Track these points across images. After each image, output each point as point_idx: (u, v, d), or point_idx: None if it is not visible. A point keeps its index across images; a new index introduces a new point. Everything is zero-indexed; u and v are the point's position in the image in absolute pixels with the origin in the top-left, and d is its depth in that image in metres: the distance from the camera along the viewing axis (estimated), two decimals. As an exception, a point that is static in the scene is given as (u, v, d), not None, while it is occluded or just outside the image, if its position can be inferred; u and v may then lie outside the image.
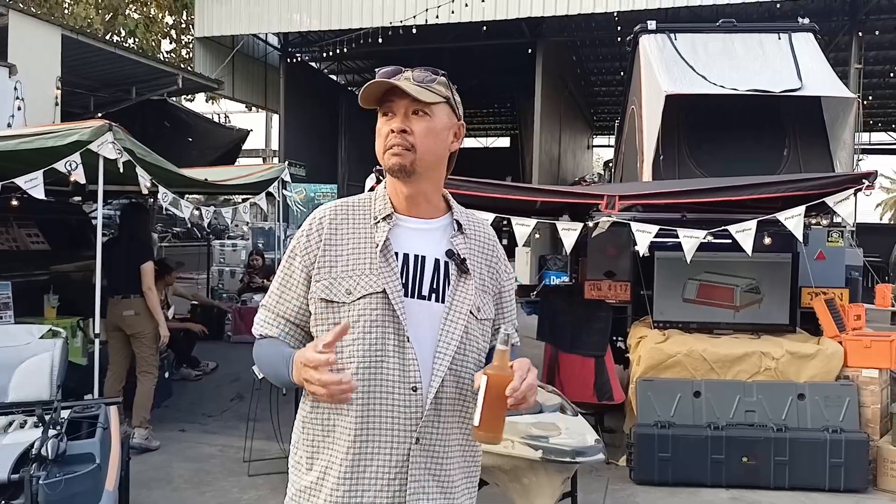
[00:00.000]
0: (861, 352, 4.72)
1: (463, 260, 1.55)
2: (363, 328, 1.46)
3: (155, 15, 16.11)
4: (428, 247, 1.56)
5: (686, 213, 4.85)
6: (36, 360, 3.39)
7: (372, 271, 1.49)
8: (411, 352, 1.46)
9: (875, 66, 16.71)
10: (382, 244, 1.50)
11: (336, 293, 1.49)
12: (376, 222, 1.54)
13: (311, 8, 14.51)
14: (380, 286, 1.47)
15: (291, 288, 1.56)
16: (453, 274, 1.54)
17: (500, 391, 1.35)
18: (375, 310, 1.46)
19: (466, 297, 1.54)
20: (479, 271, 1.60)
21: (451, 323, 1.51)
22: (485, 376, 1.37)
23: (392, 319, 1.47)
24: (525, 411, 3.45)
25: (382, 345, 1.46)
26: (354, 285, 1.49)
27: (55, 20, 9.94)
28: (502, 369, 1.37)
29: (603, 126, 27.33)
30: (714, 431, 4.58)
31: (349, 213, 1.58)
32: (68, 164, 4.38)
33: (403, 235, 1.55)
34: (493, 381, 1.36)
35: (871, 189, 4.36)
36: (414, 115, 1.50)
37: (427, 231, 1.57)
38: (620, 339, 6.09)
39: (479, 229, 1.66)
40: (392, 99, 1.50)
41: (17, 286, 5.68)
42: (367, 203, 1.59)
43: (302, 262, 1.55)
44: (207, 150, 12.17)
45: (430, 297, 1.52)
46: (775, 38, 6.86)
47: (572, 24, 15.20)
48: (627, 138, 7.84)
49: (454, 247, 1.56)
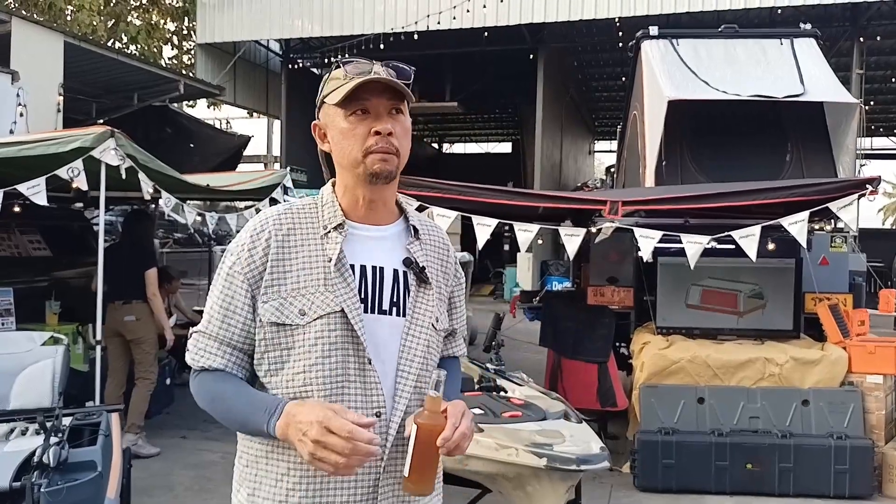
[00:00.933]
0: (865, 357, 4.70)
1: (422, 269, 1.43)
2: (321, 352, 1.31)
3: (157, 21, 16.16)
4: (385, 256, 1.42)
5: (689, 218, 4.84)
6: (37, 367, 3.38)
7: (327, 288, 1.34)
8: (373, 374, 1.34)
9: (877, 72, 16.72)
10: (336, 258, 1.36)
11: (288, 315, 1.33)
12: (326, 232, 1.38)
13: (312, 14, 14.55)
14: (337, 305, 1.33)
15: (236, 310, 1.36)
16: (412, 284, 1.42)
17: (431, 440, 1.27)
18: (334, 331, 1.32)
19: (427, 309, 1.43)
20: (436, 279, 1.48)
21: (413, 338, 1.40)
22: (415, 425, 1.28)
23: (352, 341, 1.33)
24: (528, 419, 3.44)
25: (343, 369, 1.33)
26: (308, 305, 1.33)
27: (58, 27, 9.98)
28: (434, 416, 1.28)
29: (604, 131, 27.33)
30: (718, 438, 4.55)
31: (294, 222, 1.40)
32: (70, 171, 4.37)
33: (358, 245, 1.40)
34: (423, 431, 1.27)
35: (875, 194, 4.35)
36: (392, 115, 1.38)
37: (382, 239, 1.44)
38: (623, 344, 6.08)
39: (433, 233, 1.54)
40: (367, 97, 1.35)
41: (18, 292, 5.68)
42: (313, 210, 1.43)
43: (245, 280, 1.36)
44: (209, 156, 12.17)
45: (390, 311, 1.39)
46: (777, 44, 6.86)
47: (574, 30, 15.24)
48: (630, 144, 7.84)
49: (412, 255, 1.44)
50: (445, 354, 1.57)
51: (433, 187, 4.68)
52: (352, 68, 1.36)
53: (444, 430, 1.27)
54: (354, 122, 1.36)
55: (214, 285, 1.41)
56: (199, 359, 1.39)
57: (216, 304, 1.38)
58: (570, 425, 3.50)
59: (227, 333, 1.37)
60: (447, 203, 4.72)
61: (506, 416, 3.49)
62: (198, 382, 1.40)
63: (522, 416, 3.50)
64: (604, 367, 5.44)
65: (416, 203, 4.65)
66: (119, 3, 15.59)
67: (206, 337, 1.38)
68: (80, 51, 8.99)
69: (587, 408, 5.06)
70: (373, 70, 1.36)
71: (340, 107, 1.37)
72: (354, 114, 1.36)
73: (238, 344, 1.37)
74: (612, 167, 15.43)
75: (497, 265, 17.38)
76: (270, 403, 1.29)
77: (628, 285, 5.71)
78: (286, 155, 16.97)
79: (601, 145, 29.52)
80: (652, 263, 5.19)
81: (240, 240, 1.41)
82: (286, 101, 16.93)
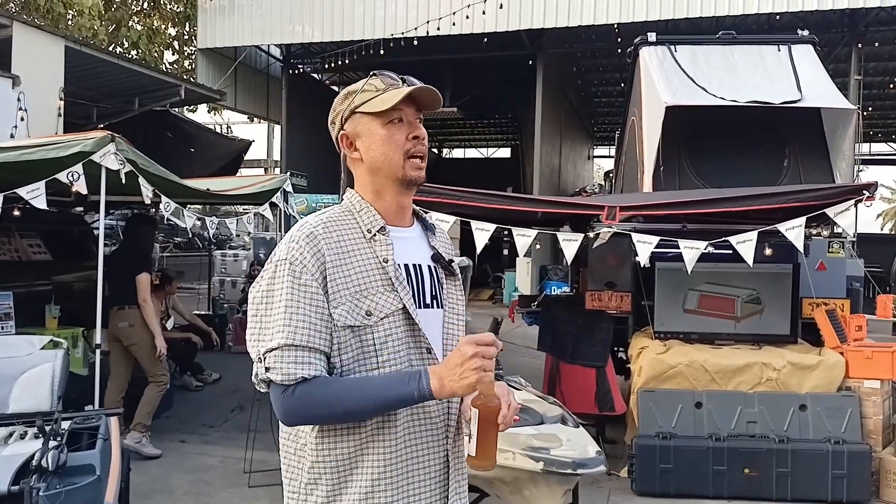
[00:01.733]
0: (862, 363, 4.72)
1: (450, 261, 1.56)
2: (392, 348, 1.41)
3: (158, 26, 16.20)
4: (418, 255, 1.53)
5: (687, 223, 4.86)
6: (37, 371, 3.39)
7: (387, 288, 1.43)
8: (434, 363, 1.45)
9: (875, 78, 16.76)
10: (391, 259, 1.45)
11: (356, 317, 1.39)
12: (372, 236, 1.46)
13: (313, 20, 14.59)
14: (399, 303, 1.43)
15: (322, 316, 1.37)
16: (442, 278, 1.55)
17: (491, 419, 1.40)
18: (399, 328, 1.42)
19: (458, 299, 1.57)
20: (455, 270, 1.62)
21: (452, 325, 1.54)
22: (475, 409, 1.40)
23: (413, 335, 1.45)
24: (526, 423, 3.45)
25: (409, 362, 1.43)
26: (373, 306, 1.41)
27: (59, 31, 10.00)
28: (489, 398, 1.40)
29: (603, 137, 27.39)
30: (716, 443, 4.56)
31: (337, 229, 1.45)
32: (70, 175, 4.40)
33: (397, 246, 1.49)
34: (484, 413, 1.40)
35: (872, 200, 4.37)
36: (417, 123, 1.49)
37: (412, 239, 1.55)
38: (621, 349, 6.09)
39: (441, 230, 1.67)
40: (400, 107, 1.45)
41: (18, 296, 5.69)
42: (349, 216, 1.49)
43: (320, 286, 1.38)
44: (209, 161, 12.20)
45: (432, 304, 1.51)
46: (775, 50, 6.89)
47: (573, 36, 15.27)
48: (628, 149, 7.87)
49: (437, 251, 1.55)
50: None
51: (433, 192, 4.70)
52: (388, 80, 1.47)
53: (502, 409, 1.40)
54: (393, 129, 1.46)
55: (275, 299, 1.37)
56: (295, 371, 1.33)
57: (296, 314, 1.35)
58: (567, 429, 3.51)
59: (316, 340, 1.36)
60: (446, 208, 4.74)
61: (503, 420, 3.49)
62: (298, 395, 1.34)
63: (520, 419, 3.51)
64: (602, 371, 5.45)
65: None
66: (120, 8, 15.64)
67: (296, 349, 1.34)
68: (80, 55, 9.02)
69: (585, 412, 5.07)
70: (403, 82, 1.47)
71: (381, 116, 1.45)
72: (392, 122, 1.45)
73: (326, 349, 1.38)
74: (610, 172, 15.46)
75: (496, 270, 17.39)
76: (407, 374, 1.37)
77: (626, 290, 5.73)
78: (286, 159, 16.99)
79: (600, 150, 29.59)
80: (650, 268, 5.20)
81: (293, 248, 1.39)
82: (287, 106, 16.97)
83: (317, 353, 1.36)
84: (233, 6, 14.75)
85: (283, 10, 14.70)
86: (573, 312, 5.94)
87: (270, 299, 1.38)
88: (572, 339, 5.69)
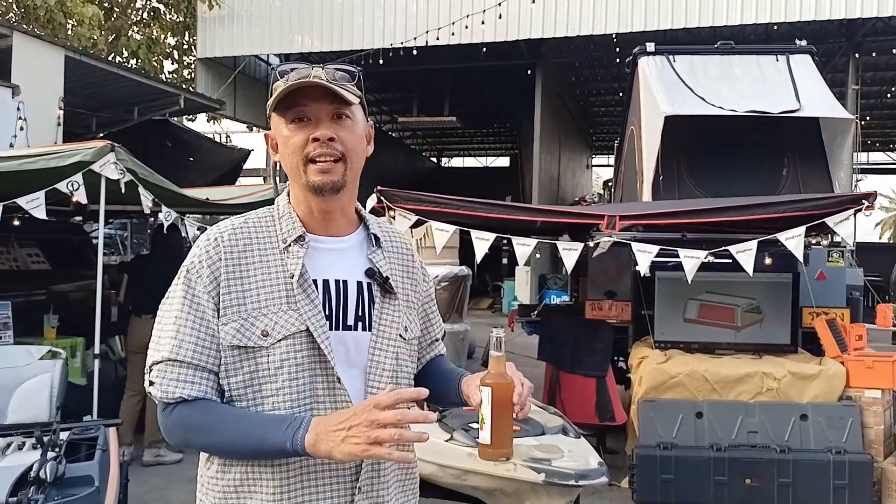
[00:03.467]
0: (863, 372, 4.70)
1: (386, 279, 1.37)
2: (288, 375, 1.24)
3: (158, 36, 16.24)
4: (347, 269, 1.36)
5: (686, 233, 4.86)
6: (35, 382, 3.38)
7: (290, 307, 1.26)
8: (343, 393, 1.27)
9: (872, 87, 16.84)
10: (299, 274, 1.28)
11: (251, 337, 1.25)
12: (287, 246, 1.31)
13: (312, 29, 14.65)
14: (302, 324, 1.26)
15: (209, 332, 1.26)
16: (377, 296, 1.36)
17: (505, 398, 1.23)
18: (300, 352, 1.25)
19: (394, 321, 1.37)
20: (402, 287, 1.42)
21: (380, 352, 1.34)
22: (486, 387, 1.23)
23: (319, 360, 1.27)
24: (526, 433, 3.44)
25: (312, 390, 1.26)
26: (271, 325, 1.25)
27: (59, 41, 10.02)
28: (502, 377, 1.25)
29: (602, 146, 27.47)
30: (717, 453, 4.54)
31: (251, 236, 1.32)
32: (70, 185, 4.40)
33: (319, 259, 1.33)
34: (497, 392, 1.23)
35: (871, 209, 4.37)
36: (336, 119, 1.30)
37: (343, 251, 1.37)
38: (622, 359, 6.07)
39: (395, 239, 1.48)
40: (304, 102, 1.28)
41: (17, 306, 5.67)
42: (270, 222, 1.35)
43: (210, 299, 1.26)
44: (209, 170, 12.19)
45: (356, 327, 1.33)
46: (773, 60, 6.92)
47: (571, 46, 15.34)
48: (627, 158, 7.88)
49: (374, 265, 1.38)
50: (431, 356, 1.57)
51: (432, 201, 4.70)
52: (293, 75, 1.29)
53: (516, 387, 1.25)
54: (294, 129, 1.30)
55: (170, 307, 1.29)
56: (174, 390, 1.24)
57: (184, 327, 1.26)
58: (568, 440, 3.50)
59: (203, 357, 1.26)
60: (446, 217, 4.74)
61: (504, 430, 3.48)
62: (175, 416, 1.25)
63: (520, 430, 3.49)
64: (602, 381, 5.44)
65: (414, 218, 4.67)
66: (120, 18, 15.68)
67: (179, 365, 1.25)
68: (80, 65, 9.03)
69: (585, 422, 5.05)
70: (311, 75, 1.28)
71: (280, 115, 1.31)
72: (293, 121, 1.30)
73: (214, 368, 1.27)
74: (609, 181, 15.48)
75: (496, 278, 17.39)
76: (289, 419, 1.21)
77: (626, 299, 5.72)
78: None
79: (599, 159, 29.68)
80: (650, 278, 5.20)
81: (194, 256, 1.31)
82: (286, 116, 17.01)
83: (202, 372, 1.25)
84: (232, 16, 14.81)
85: (282, 19, 14.77)
86: (573, 322, 5.93)
87: (168, 307, 1.30)
88: (572, 348, 5.68)
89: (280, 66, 1.34)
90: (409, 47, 13.47)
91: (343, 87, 1.29)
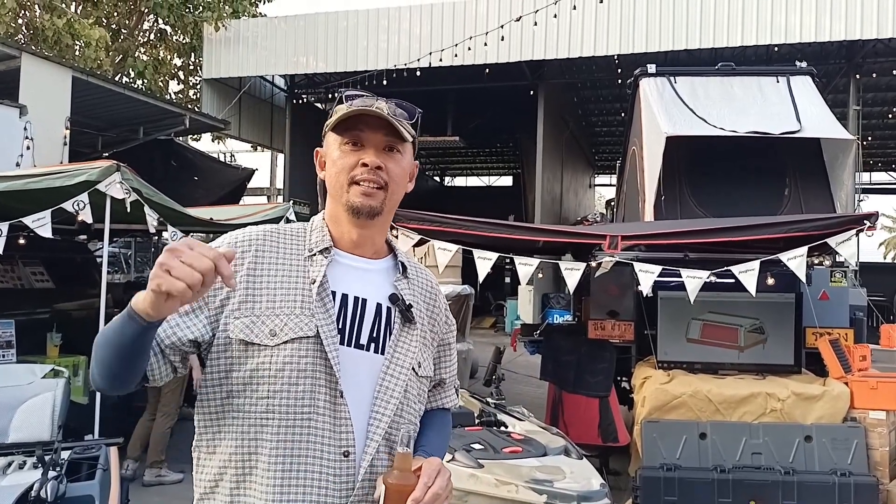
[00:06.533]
0: (867, 393, 4.68)
1: (409, 307, 1.37)
2: (288, 378, 1.23)
3: (164, 57, 16.43)
4: (369, 289, 1.36)
5: (689, 253, 4.86)
6: (37, 401, 3.38)
7: (304, 311, 1.27)
8: (344, 409, 1.25)
9: (874, 108, 16.92)
10: (319, 281, 1.30)
11: (258, 334, 1.25)
12: (311, 255, 1.33)
13: (317, 51, 14.82)
14: (312, 329, 1.26)
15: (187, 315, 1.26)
16: (396, 322, 1.35)
17: (401, 502, 1.18)
18: (304, 357, 1.24)
19: (409, 350, 1.35)
20: (422, 322, 1.41)
21: (392, 378, 1.32)
22: (384, 485, 1.20)
23: (324, 369, 1.25)
24: (529, 454, 3.42)
25: (312, 399, 1.24)
26: (281, 326, 1.25)
27: (66, 62, 10.15)
28: (404, 476, 1.19)
29: (604, 165, 27.57)
30: (720, 474, 4.50)
31: (279, 241, 1.35)
32: (76, 204, 4.43)
33: (343, 273, 1.34)
34: (392, 491, 1.18)
35: (873, 230, 4.38)
36: (387, 151, 1.34)
37: (369, 271, 1.38)
38: (624, 379, 6.05)
39: (422, 275, 1.48)
40: (362, 129, 1.33)
41: (20, 324, 5.69)
42: (301, 233, 1.39)
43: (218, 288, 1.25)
44: (213, 189, 12.26)
45: (368, 347, 1.32)
46: (774, 81, 6.97)
47: (573, 67, 15.49)
48: (629, 178, 7.91)
49: (398, 291, 1.38)
50: (434, 406, 1.52)
51: (434, 221, 4.72)
52: (357, 101, 1.34)
53: (415, 491, 1.18)
54: (346, 151, 1.34)
55: None
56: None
57: None
58: (570, 461, 3.48)
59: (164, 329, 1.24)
60: (448, 237, 4.76)
61: (506, 451, 3.47)
62: None
63: (523, 451, 3.48)
64: (605, 401, 5.41)
65: (417, 237, 4.68)
66: (126, 39, 15.87)
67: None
68: (87, 85, 9.13)
69: (588, 443, 5.03)
70: (374, 105, 1.32)
71: (337, 134, 1.35)
72: (347, 143, 1.34)
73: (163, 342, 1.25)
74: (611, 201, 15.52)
75: (498, 298, 17.38)
76: None
77: (629, 319, 5.71)
78: (289, 188, 17.11)
79: (601, 179, 29.75)
80: (652, 297, 5.20)
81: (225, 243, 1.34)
82: (290, 135, 17.14)
83: None
84: (238, 37, 14.99)
85: (287, 41, 14.94)
86: (576, 341, 5.92)
87: None
88: (575, 368, 5.66)
89: (347, 90, 1.38)
90: (412, 68, 13.60)
91: (401, 122, 1.33)
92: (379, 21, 14.27)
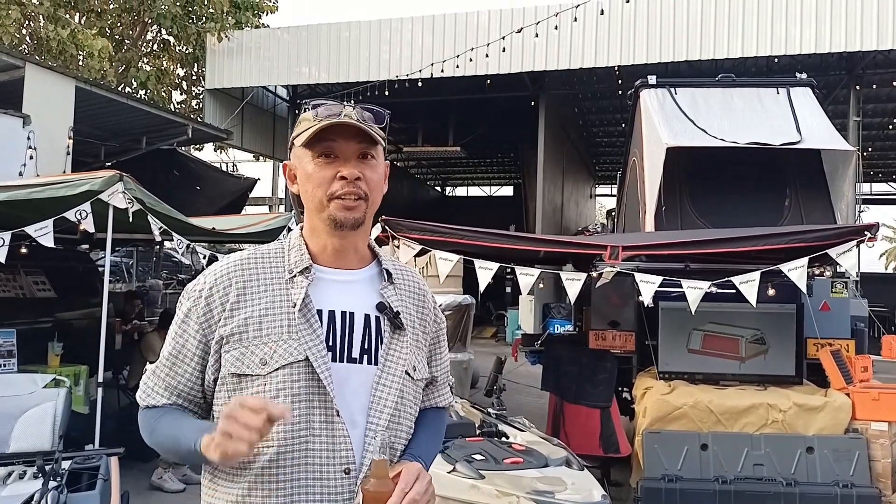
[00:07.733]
0: (869, 404, 4.67)
1: (396, 314, 1.37)
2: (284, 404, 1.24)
3: (167, 67, 16.50)
4: (355, 301, 1.36)
5: (689, 263, 4.87)
6: (38, 410, 3.38)
7: (291, 336, 1.27)
8: (341, 427, 1.26)
9: (874, 119, 16.95)
10: (301, 303, 1.29)
11: (249, 365, 1.26)
12: (292, 276, 1.32)
13: (319, 62, 14.88)
14: (301, 353, 1.26)
15: (184, 359, 1.33)
16: (386, 330, 1.36)
17: None
18: (297, 382, 1.25)
19: (401, 357, 1.35)
20: (412, 325, 1.41)
21: (384, 388, 1.32)
22: (360, 492, 1.20)
23: (318, 391, 1.26)
24: (530, 465, 3.41)
25: (308, 422, 1.25)
26: (270, 354, 1.26)
27: (70, 72, 10.20)
28: (381, 483, 1.19)
29: (605, 176, 27.61)
30: (722, 486, 4.49)
31: (258, 268, 1.34)
32: (78, 214, 4.45)
33: (326, 290, 1.34)
34: (370, 498, 1.18)
35: (874, 241, 4.38)
36: (362, 158, 1.32)
37: (353, 283, 1.38)
38: (625, 389, 6.04)
39: (408, 277, 1.47)
40: (333, 139, 1.30)
41: (22, 333, 5.69)
42: (279, 254, 1.37)
43: (200, 329, 1.31)
44: (215, 199, 12.28)
45: (361, 360, 1.32)
46: (774, 93, 7.00)
47: (574, 78, 15.54)
48: (629, 189, 7.93)
49: (385, 299, 1.37)
50: (427, 405, 1.51)
51: (436, 231, 4.73)
52: (322, 110, 1.32)
53: (392, 497, 1.18)
54: (321, 165, 1.31)
55: (172, 326, 1.37)
56: (145, 398, 1.37)
57: (168, 348, 1.35)
58: (572, 472, 3.47)
59: (173, 380, 1.34)
60: (449, 246, 4.77)
61: (507, 462, 3.46)
62: (141, 417, 1.37)
63: (524, 462, 3.48)
64: (606, 412, 5.40)
65: (418, 247, 4.70)
66: (130, 50, 15.96)
67: (155, 377, 1.37)
68: (90, 95, 9.17)
69: (590, 454, 5.01)
70: (342, 113, 1.30)
71: (307, 148, 1.32)
72: (321, 157, 1.31)
73: (184, 392, 1.35)
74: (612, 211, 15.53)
75: (499, 307, 17.35)
76: (200, 425, 1.26)
77: (630, 329, 5.71)
78: (291, 198, 17.15)
79: (602, 189, 29.79)
80: (653, 308, 5.19)
81: (197, 285, 1.35)
82: (292, 145, 17.19)
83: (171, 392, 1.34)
84: (241, 48, 15.07)
85: (289, 52, 15.02)
86: (577, 352, 5.92)
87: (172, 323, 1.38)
88: (576, 378, 5.66)
89: (311, 100, 1.36)
90: (414, 79, 13.65)
91: (371, 127, 1.32)
92: (381, 32, 14.34)
